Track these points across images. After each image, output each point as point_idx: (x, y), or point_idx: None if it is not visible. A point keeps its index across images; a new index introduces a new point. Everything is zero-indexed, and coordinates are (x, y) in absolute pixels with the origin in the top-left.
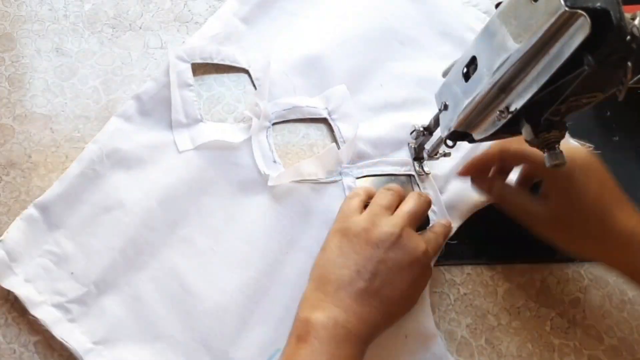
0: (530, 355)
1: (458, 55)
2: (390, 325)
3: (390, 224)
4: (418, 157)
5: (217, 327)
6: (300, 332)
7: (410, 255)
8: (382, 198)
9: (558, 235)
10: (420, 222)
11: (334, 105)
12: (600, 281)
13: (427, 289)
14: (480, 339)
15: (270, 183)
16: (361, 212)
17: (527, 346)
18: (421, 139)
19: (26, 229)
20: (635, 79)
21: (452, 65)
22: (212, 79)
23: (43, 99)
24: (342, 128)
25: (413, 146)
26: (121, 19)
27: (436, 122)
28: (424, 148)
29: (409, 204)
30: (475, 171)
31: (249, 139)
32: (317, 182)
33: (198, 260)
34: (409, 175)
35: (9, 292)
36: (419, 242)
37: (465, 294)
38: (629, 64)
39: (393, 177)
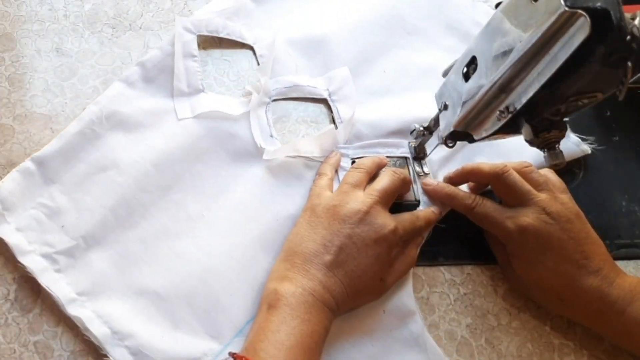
0: (530, 355)
1: (463, 50)
2: (358, 301)
3: (359, 200)
4: (418, 157)
5: (202, 288)
6: (271, 301)
7: (376, 233)
8: (351, 176)
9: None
10: (393, 199)
11: (335, 87)
12: None
13: (410, 271)
14: (480, 339)
15: (265, 156)
16: (331, 190)
17: (527, 346)
18: (421, 138)
19: (21, 180)
20: (635, 77)
21: (452, 65)
22: (212, 78)
23: (43, 99)
24: (341, 110)
25: (413, 145)
26: (121, 19)
27: (436, 122)
28: (424, 148)
29: (381, 182)
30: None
31: (248, 113)
32: (312, 159)
33: (188, 224)
34: (405, 158)
35: (8, 291)
36: (387, 220)
37: (465, 294)
38: (629, 64)
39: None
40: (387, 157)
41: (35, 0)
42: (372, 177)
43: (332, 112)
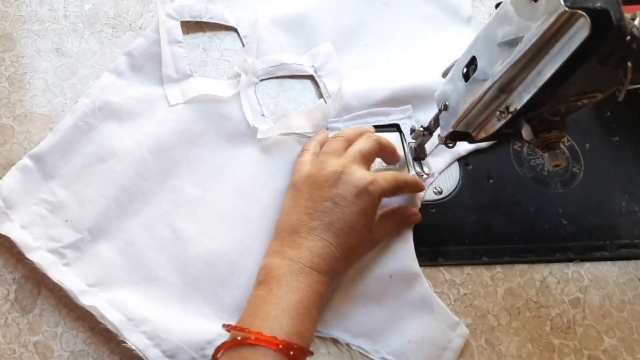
0: (530, 355)
1: (442, 18)
2: (351, 257)
3: (334, 164)
4: (418, 158)
5: (208, 271)
6: (260, 277)
7: (355, 187)
8: (328, 145)
9: None
10: (371, 160)
11: (320, 63)
12: (600, 281)
13: (409, 232)
14: (480, 339)
15: (259, 136)
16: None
17: (527, 346)
18: (421, 139)
19: (21, 178)
20: (635, 87)
21: (452, 65)
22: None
23: (43, 99)
24: (328, 84)
25: (413, 146)
26: (121, 19)
27: (436, 122)
28: (424, 148)
29: (357, 145)
30: None
31: (238, 94)
32: (304, 135)
33: (189, 208)
34: (396, 125)
35: (8, 292)
36: (364, 174)
37: (465, 294)
38: (629, 64)
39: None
40: (377, 126)
41: (35, 0)
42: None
43: (319, 87)
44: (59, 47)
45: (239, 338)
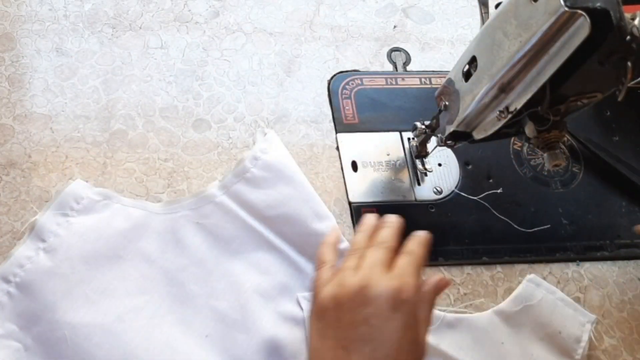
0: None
1: None
2: None
3: (354, 280)
4: (420, 155)
5: None
6: None
7: (387, 301)
8: (345, 261)
9: None
10: (388, 261)
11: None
12: (600, 281)
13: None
14: None
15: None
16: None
17: None
18: (422, 136)
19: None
20: (636, 81)
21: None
22: (212, 78)
23: (43, 99)
24: None
25: (415, 144)
26: (121, 19)
27: (436, 121)
28: (425, 146)
29: (371, 255)
30: None
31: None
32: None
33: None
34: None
35: None
36: (391, 282)
37: (465, 294)
38: (629, 64)
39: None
40: None
41: (35, 0)
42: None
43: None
44: (59, 47)
45: None
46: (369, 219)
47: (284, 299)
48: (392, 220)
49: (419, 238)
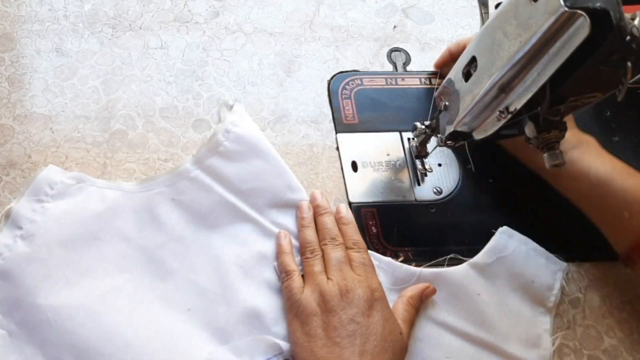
0: None
1: None
2: None
3: (333, 288)
4: (420, 155)
5: None
6: None
7: (366, 301)
8: (309, 265)
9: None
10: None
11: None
12: (600, 281)
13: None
14: None
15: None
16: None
17: None
18: (422, 136)
19: None
20: (635, 78)
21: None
22: (212, 79)
23: (43, 99)
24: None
25: (415, 144)
26: (121, 19)
27: (436, 121)
28: (425, 146)
29: (333, 256)
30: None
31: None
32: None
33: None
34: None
35: None
36: (364, 285)
37: None
38: (629, 64)
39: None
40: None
41: (35, 0)
42: None
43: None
44: (59, 47)
45: None
46: (305, 209)
47: (263, 268)
48: (325, 206)
49: (339, 211)
